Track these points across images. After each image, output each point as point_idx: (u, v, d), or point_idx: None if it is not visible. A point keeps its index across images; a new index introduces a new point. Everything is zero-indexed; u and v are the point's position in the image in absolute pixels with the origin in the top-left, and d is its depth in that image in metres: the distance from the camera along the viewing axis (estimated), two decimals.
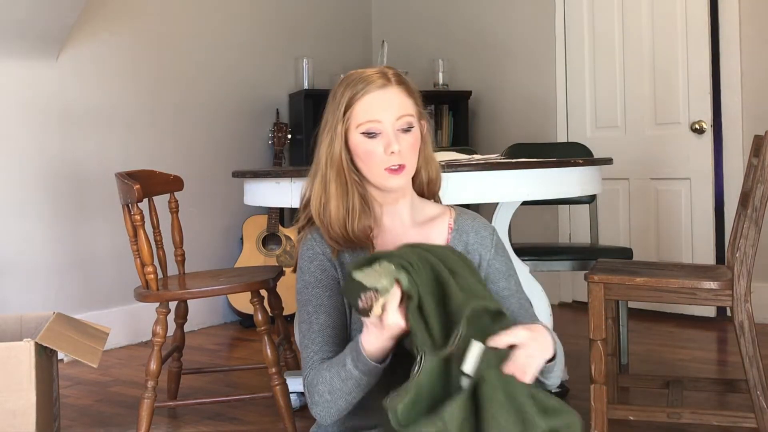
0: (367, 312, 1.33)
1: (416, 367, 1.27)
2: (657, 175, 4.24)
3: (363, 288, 1.32)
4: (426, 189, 1.65)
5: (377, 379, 1.42)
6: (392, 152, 1.51)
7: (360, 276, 1.33)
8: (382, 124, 1.53)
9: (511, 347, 1.29)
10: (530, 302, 1.63)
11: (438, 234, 1.61)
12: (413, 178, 1.61)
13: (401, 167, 1.53)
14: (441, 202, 1.70)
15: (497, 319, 1.35)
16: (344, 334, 1.55)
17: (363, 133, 1.53)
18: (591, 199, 3.58)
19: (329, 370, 1.46)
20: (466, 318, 1.29)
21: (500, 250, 1.62)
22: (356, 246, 1.56)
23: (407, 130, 1.54)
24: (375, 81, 1.54)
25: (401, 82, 1.57)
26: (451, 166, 2.31)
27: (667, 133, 4.18)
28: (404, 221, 1.61)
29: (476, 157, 2.67)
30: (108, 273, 3.83)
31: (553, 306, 2.62)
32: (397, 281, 1.32)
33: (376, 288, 1.31)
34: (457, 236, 1.62)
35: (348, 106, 1.54)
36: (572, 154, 3.52)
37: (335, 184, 1.55)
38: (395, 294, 1.32)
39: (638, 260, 3.33)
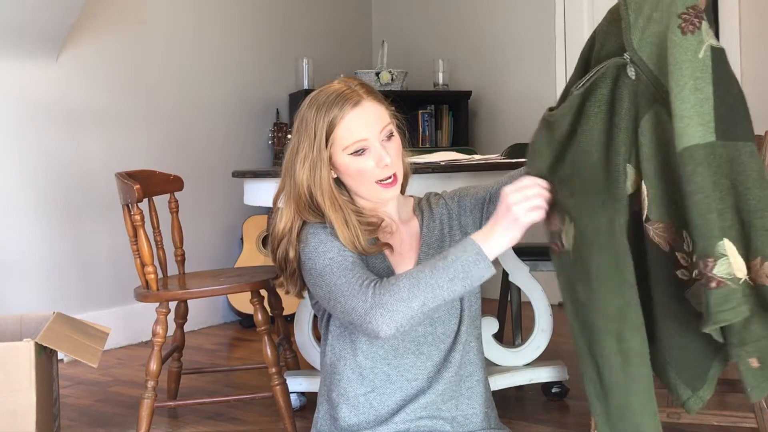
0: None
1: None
2: None
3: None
4: (402, 184, 1.72)
5: (467, 287, 1.43)
6: (385, 165, 1.57)
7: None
8: (368, 140, 1.57)
9: None
10: None
11: (415, 225, 1.70)
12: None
13: (394, 178, 1.59)
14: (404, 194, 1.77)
15: None
16: None
17: (351, 153, 1.57)
18: None
19: (408, 272, 1.46)
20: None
21: (454, 193, 1.73)
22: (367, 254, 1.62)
23: (390, 137, 1.60)
24: (348, 99, 1.56)
25: (370, 92, 1.61)
26: (451, 166, 2.31)
27: None
28: (394, 219, 1.68)
29: (476, 157, 2.68)
30: (108, 273, 3.83)
31: (553, 306, 2.61)
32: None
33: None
34: (424, 219, 1.70)
35: (329, 133, 1.57)
36: None
37: (331, 211, 1.58)
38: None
39: None
